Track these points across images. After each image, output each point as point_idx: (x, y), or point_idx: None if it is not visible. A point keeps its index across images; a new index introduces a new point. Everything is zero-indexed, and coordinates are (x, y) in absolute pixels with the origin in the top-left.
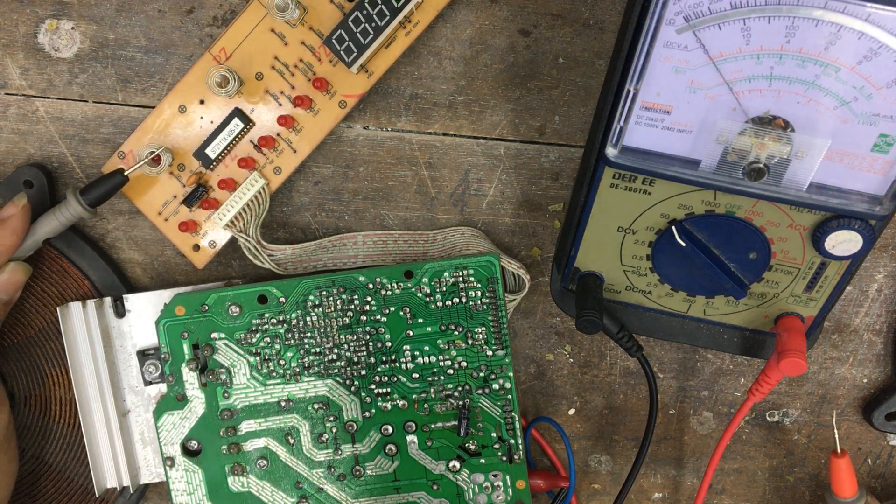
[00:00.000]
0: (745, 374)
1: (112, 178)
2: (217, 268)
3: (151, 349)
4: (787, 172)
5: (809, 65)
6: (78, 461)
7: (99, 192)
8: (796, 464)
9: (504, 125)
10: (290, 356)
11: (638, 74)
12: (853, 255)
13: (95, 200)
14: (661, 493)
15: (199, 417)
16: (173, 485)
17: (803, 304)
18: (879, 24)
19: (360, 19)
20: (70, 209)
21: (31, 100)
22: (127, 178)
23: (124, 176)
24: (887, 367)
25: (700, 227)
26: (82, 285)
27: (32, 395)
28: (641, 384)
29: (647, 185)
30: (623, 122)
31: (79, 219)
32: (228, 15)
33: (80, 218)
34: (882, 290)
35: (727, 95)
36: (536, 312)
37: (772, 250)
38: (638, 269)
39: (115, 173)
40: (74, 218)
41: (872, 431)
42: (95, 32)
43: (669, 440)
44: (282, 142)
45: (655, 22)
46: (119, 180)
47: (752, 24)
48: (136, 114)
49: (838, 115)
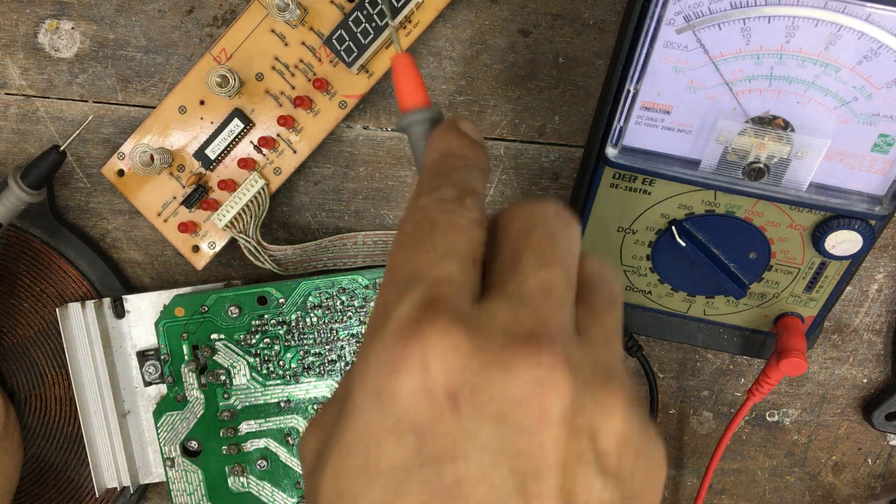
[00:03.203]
0: (745, 374)
1: (47, 157)
2: (217, 268)
3: (151, 350)
4: (787, 172)
5: (809, 65)
6: (78, 461)
7: (37, 172)
8: (796, 464)
9: (504, 125)
10: (290, 357)
11: (638, 74)
12: (853, 255)
13: (36, 182)
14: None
15: (198, 418)
16: (173, 485)
17: (803, 304)
18: (879, 24)
19: (361, 19)
20: (13, 193)
21: (31, 100)
22: (64, 155)
23: (60, 153)
24: (887, 367)
25: (700, 227)
26: (81, 286)
27: (32, 395)
28: (641, 384)
29: (647, 185)
30: (623, 122)
31: (25, 202)
32: (228, 15)
33: (26, 201)
34: (882, 290)
35: (727, 95)
36: None
37: (772, 250)
38: (638, 269)
39: (50, 150)
40: (20, 201)
41: (872, 431)
42: (95, 32)
43: (669, 440)
44: (282, 142)
45: (655, 22)
46: (54, 158)
47: (752, 24)
48: (135, 114)
49: (838, 115)
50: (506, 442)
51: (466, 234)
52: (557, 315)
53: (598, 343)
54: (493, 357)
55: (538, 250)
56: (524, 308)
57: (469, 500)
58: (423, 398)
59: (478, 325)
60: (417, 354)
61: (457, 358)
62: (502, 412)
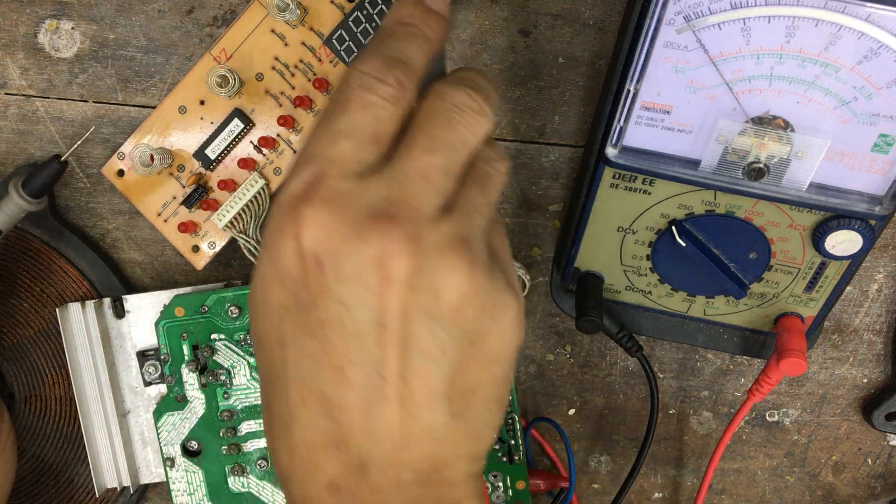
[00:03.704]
0: (745, 374)
1: (48, 167)
2: (217, 268)
3: (151, 350)
4: (787, 172)
5: (809, 65)
6: (78, 461)
7: (38, 182)
8: (796, 464)
9: (504, 125)
10: None
11: (638, 74)
12: (853, 255)
13: (37, 191)
14: (660, 493)
15: (199, 418)
16: (173, 485)
17: (803, 304)
18: (879, 24)
19: (361, 19)
20: (13, 202)
21: (31, 100)
22: (65, 165)
23: (62, 163)
24: (887, 367)
25: (700, 227)
26: (81, 286)
27: (32, 395)
28: (641, 384)
29: (647, 185)
30: (623, 122)
31: (25, 211)
32: (228, 15)
33: (26, 210)
34: (882, 290)
35: (727, 95)
36: (536, 312)
37: (772, 250)
38: (638, 269)
39: (51, 160)
40: (20, 209)
41: (872, 431)
42: (95, 32)
43: (669, 440)
44: (282, 142)
45: (655, 22)
46: (56, 168)
47: (752, 24)
48: (136, 114)
49: (838, 115)
50: (358, 297)
51: (372, 112)
52: (423, 198)
53: (458, 218)
54: (353, 230)
55: (430, 134)
56: (396, 187)
57: (329, 338)
58: (297, 259)
59: (347, 203)
60: (293, 226)
61: (322, 231)
62: (357, 274)
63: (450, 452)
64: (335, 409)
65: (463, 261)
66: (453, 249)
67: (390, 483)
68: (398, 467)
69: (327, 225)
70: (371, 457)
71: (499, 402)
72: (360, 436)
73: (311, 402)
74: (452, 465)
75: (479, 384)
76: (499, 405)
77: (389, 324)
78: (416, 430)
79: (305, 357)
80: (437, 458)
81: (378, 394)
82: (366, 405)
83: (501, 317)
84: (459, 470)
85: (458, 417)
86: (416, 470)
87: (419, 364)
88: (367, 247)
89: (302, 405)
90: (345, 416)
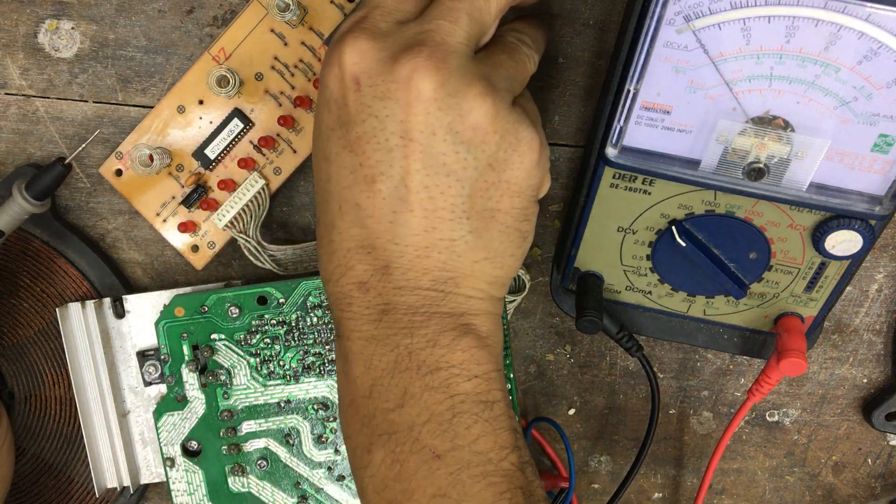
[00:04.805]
0: (745, 374)
1: (52, 170)
2: (217, 268)
3: (151, 350)
4: (787, 172)
5: (809, 65)
6: (78, 461)
7: (42, 184)
8: (796, 464)
9: None
10: (290, 357)
11: (638, 74)
12: (853, 255)
13: (40, 194)
14: (660, 494)
15: (199, 418)
16: (173, 485)
17: (803, 304)
18: (879, 24)
19: None
20: (17, 204)
21: (31, 100)
22: (69, 168)
23: (65, 166)
24: (887, 367)
25: (700, 227)
26: (81, 286)
27: (32, 395)
28: (641, 384)
29: (647, 185)
30: (623, 122)
31: (28, 213)
32: (228, 15)
33: (29, 212)
34: (882, 290)
35: (727, 95)
36: (536, 312)
37: (772, 250)
38: (638, 269)
39: (55, 163)
40: (23, 211)
41: (872, 431)
42: (95, 32)
43: (669, 440)
44: (282, 142)
45: (655, 22)
46: (60, 171)
47: (752, 24)
48: (135, 114)
49: (838, 115)
50: (389, 110)
51: None
52: (451, 34)
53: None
54: (388, 55)
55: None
56: (426, 25)
57: (365, 151)
58: (339, 83)
59: (386, 37)
60: (338, 55)
61: (360, 56)
62: (389, 89)
63: (467, 268)
64: (366, 216)
65: (487, 91)
66: (480, 81)
67: (410, 285)
68: (418, 272)
69: (365, 51)
70: (395, 261)
71: (519, 233)
72: (386, 241)
73: (347, 211)
74: (468, 279)
75: (498, 209)
76: (519, 237)
77: (416, 136)
78: (436, 240)
79: (344, 170)
80: (454, 270)
81: (403, 203)
82: (392, 213)
83: (524, 149)
84: (475, 287)
85: (477, 236)
86: (434, 278)
87: (442, 179)
88: (399, 67)
89: (340, 214)
90: (374, 223)
